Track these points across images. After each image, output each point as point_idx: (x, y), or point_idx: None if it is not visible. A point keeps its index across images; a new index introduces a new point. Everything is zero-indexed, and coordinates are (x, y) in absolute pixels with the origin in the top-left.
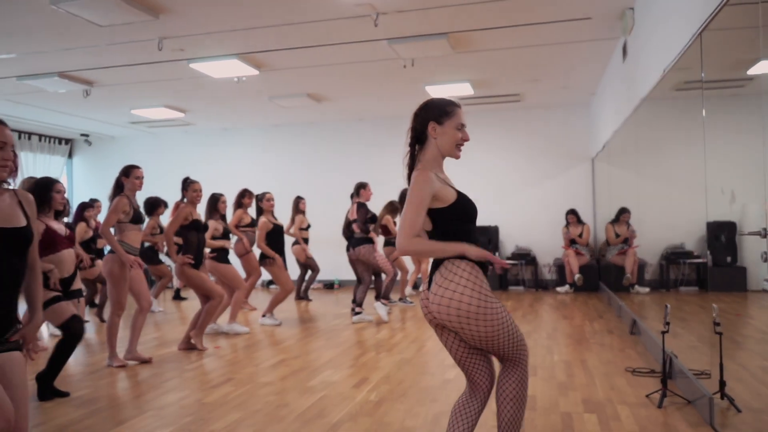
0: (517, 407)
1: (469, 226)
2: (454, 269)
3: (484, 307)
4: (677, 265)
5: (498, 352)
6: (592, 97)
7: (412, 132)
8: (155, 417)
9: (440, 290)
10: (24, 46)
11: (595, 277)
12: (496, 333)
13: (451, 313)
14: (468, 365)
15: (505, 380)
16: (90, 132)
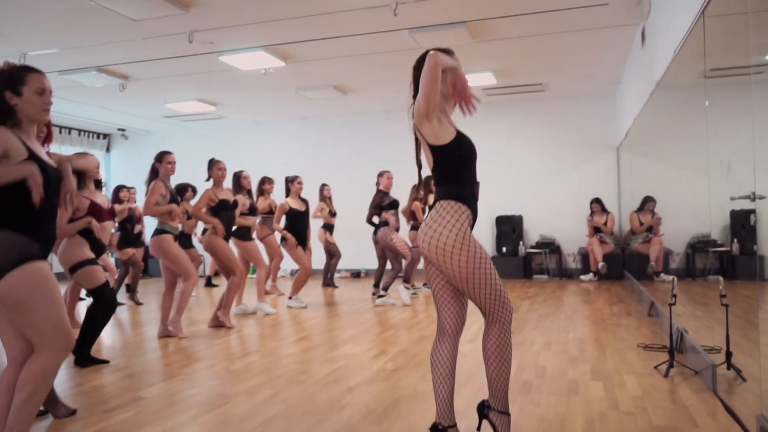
0: (499, 364)
1: (468, 166)
2: (441, 210)
3: (460, 245)
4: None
5: (477, 300)
6: (617, 86)
7: (415, 83)
8: (184, 380)
9: (427, 228)
10: (64, 41)
11: (619, 266)
12: (472, 275)
13: (430, 249)
14: (440, 303)
15: (486, 338)
16: (126, 126)
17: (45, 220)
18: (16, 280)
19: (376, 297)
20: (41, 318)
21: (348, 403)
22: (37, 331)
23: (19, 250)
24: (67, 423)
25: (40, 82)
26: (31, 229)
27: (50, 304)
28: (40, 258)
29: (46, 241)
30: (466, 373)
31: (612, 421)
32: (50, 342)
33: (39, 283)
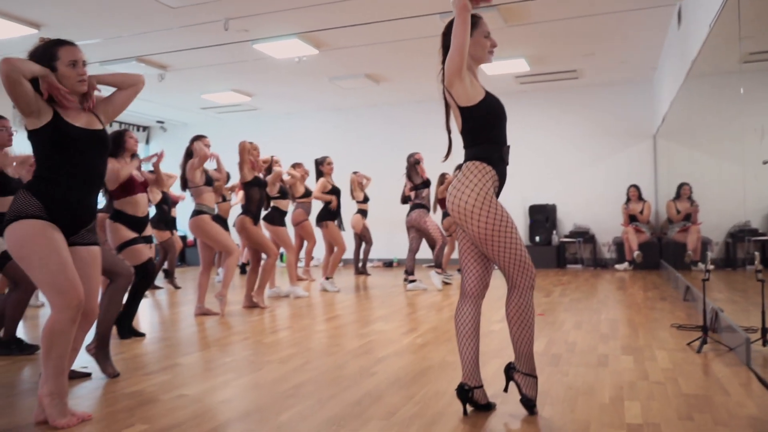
0: (521, 328)
1: (497, 128)
2: (467, 171)
3: (481, 205)
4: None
5: (498, 262)
6: (653, 72)
7: (444, 50)
8: (218, 350)
9: (453, 189)
10: (106, 31)
11: (655, 255)
12: (492, 237)
13: (455, 209)
14: (464, 266)
15: (508, 302)
16: (164, 119)
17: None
18: (9, 234)
19: (408, 283)
20: (39, 276)
21: (377, 372)
22: (42, 288)
23: (17, 206)
24: (110, 383)
25: (72, 54)
26: (44, 192)
27: (42, 260)
28: (37, 217)
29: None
30: (496, 348)
31: (641, 389)
32: (54, 300)
33: (27, 240)
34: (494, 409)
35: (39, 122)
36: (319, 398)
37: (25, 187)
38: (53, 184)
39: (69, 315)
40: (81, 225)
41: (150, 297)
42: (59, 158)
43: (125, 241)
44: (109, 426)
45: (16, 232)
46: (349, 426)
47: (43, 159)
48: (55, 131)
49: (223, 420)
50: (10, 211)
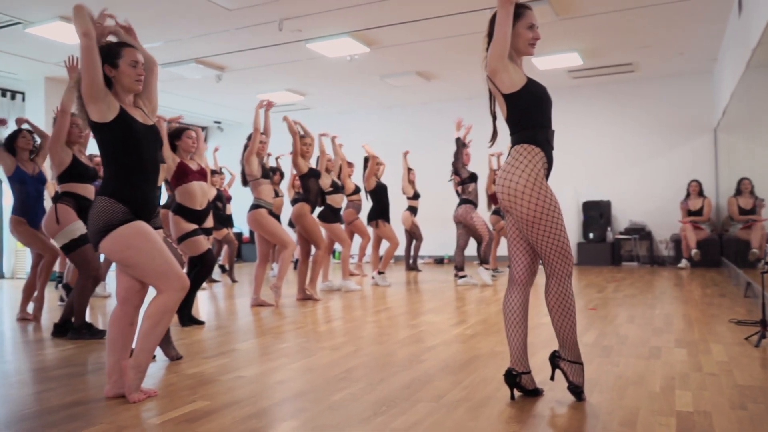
0: (562, 316)
1: (542, 112)
2: (516, 155)
3: (531, 187)
4: None
5: (539, 247)
6: (713, 63)
7: (489, 37)
8: (274, 337)
9: (502, 173)
10: (166, 34)
11: (716, 252)
12: (539, 220)
13: (503, 191)
14: (513, 253)
15: (548, 292)
16: (221, 119)
17: (138, 183)
18: (109, 246)
19: (458, 278)
20: (146, 269)
21: (426, 359)
22: (149, 279)
23: (107, 217)
24: (174, 365)
25: (133, 55)
26: (124, 193)
27: (149, 257)
28: (128, 221)
29: (140, 200)
30: (545, 339)
31: (693, 380)
32: (163, 285)
33: (130, 243)
34: (541, 395)
35: (109, 114)
36: (370, 381)
37: (105, 193)
38: (129, 184)
39: (180, 295)
40: (152, 214)
41: (208, 290)
42: (128, 155)
43: (185, 233)
44: (173, 402)
45: (116, 242)
46: (399, 407)
47: (112, 156)
48: (124, 126)
49: (278, 399)
50: (100, 221)
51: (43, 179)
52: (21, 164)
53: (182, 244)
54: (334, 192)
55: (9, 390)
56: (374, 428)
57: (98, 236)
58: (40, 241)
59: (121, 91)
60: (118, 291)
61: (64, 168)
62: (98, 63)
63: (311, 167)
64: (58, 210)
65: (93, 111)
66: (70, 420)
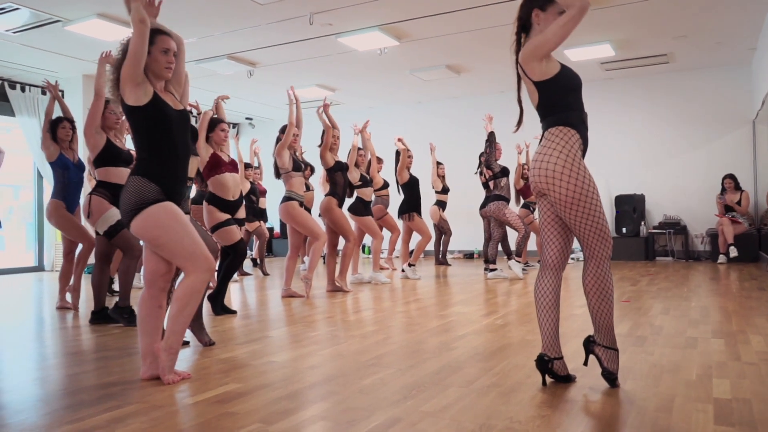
0: (600, 299)
1: (574, 96)
2: (551, 137)
3: (570, 168)
4: None
5: (577, 229)
6: (752, 52)
7: (519, 21)
8: (305, 326)
9: (538, 155)
10: (199, 30)
11: (754, 247)
12: (577, 202)
13: (540, 174)
14: (546, 238)
15: (585, 273)
16: (253, 115)
17: (170, 164)
18: (140, 224)
19: (488, 272)
20: (175, 249)
21: (456, 347)
22: (177, 259)
23: (138, 196)
24: (207, 350)
25: (165, 43)
26: (156, 174)
27: (178, 237)
28: (159, 200)
29: (172, 182)
30: (577, 329)
31: (731, 369)
32: (191, 266)
33: (160, 222)
34: (574, 381)
35: (144, 98)
36: (400, 367)
37: (138, 173)
38: (161, 165)
39: (206, 276)
40: (181, 197)
41: (239, 282)
42: (161, 138)
43: (219, 223)
44: (206, 384)
45: (147, 220)
46: (429, 391)
47: (145, 139)
48: (157, 110)
49: (309, 382)
50: (132, 199)
51: (82, 167)
52: (63, 151)
53: (215, 234)
54: (363, 186)
55: (47, 372)
56: (404, 411)
57: (130, 215)
58: (76, 228)
59: (152, 77)
60: (145, 274)
61: (99, 151)
62: (146, 49)
63: (338, 160)
64: (91, 202)
65: (129, 95)
66: (106, 399)
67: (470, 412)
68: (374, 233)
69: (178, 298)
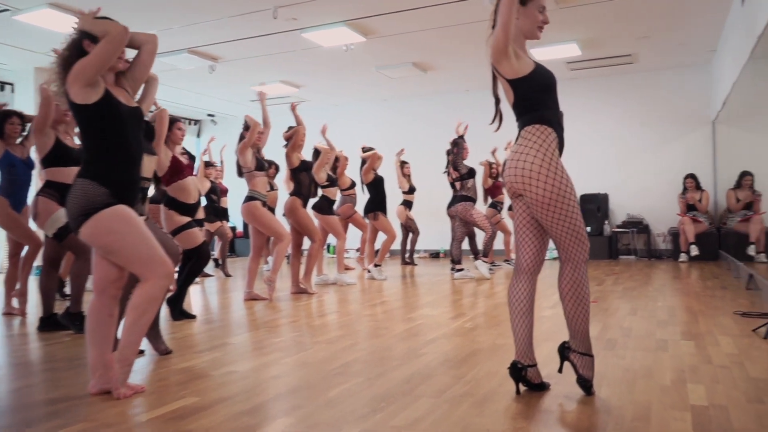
0: (576, 304)
1: (549, 95)
2: (527, 135)
3: (547, 167)
4: None
5: (554, 231)
6: (713, 54)
7: (495, 15)
8: (268, 331)
9: (513, 155)
10: (157, 23)
11: (714, 245)
12: (554, 203)
13: (517, 173)
14: (520, 241)
15: (561, 278)
16: (215, 112)
17: (121, 165)
18: (90, 231)
19: (455, 272)
20: (129, 256)
21: (425, 353)
22: (132, 266)
23: (87, 200)
24: (163, 360)
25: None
26: (106, 176)
27: (132, 242)
28: (110, 204)
29: (124, 185)
30: (547, 331)
31: (704, 372)
32: (148, 273)
33: (112, 227)
34: (548, 389)
35: (93, 96)
36: (368, 376)
37: (85, 175)
38: (112, 167)
39: (165, 283)
40: (135, 199)
41: (200, 284)
42: (112, 138)
43: (179, 226)
44: (162, 398)
45: (97, 226)
46: (399, 403)
47: (94, 139)
48: (108, 108)
49: (272, 395)
50: (79, 204)
51: (32, 165)
52: (10, 148)
53: (177, 238)
54: (330, 186)
55: None
56: (373, 425)
57: (78, 220)
58: (21, 228)
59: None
60: (95, 281)
61: (47, 152)
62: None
63: (303, 160)
64: (38, 203)
65: (77, 93)
66: (51, 417)
67: (443, 426)
68: (338, 233)
69: (134, 306)
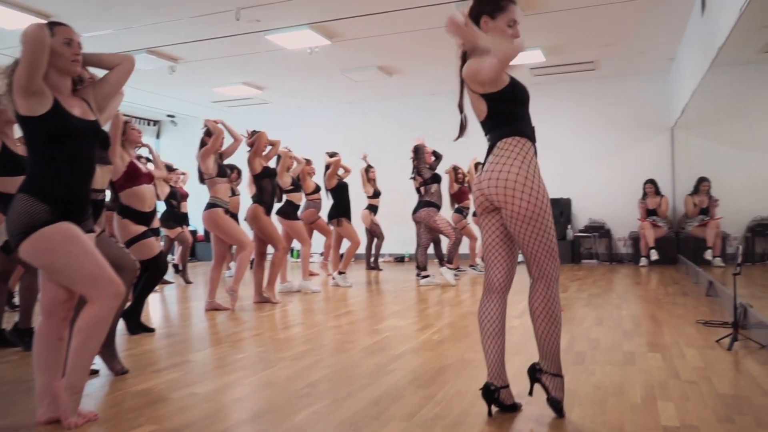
0: (548, 324)
1: (523, 109)
2: (505, 146)
3: (531, 181)
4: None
5: (528, 247)
6: (672, 62)
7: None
8: (230, 347)
9: (491, 166)
10: (115, 22)
11: (673, 250)
12: (535, 217)
13: (498, 185)
14: (491, 259)
15: (533, 297)
16: (175, 113)
17: (68, 182)
18: (30, 249)
19: (420, 278)
20: (74, 276)
21: (394, 369)
22: (78, 286)
23: (27, 217)
24: (119, 381)
25: (67, 33)
26: (48, 192)
27: (77, 261)
28: (51, 221)
29: (69, 203)
30: (516, 343)
31: (673, 388)
32: (95, 293)
33: (55, 246)
34: (520, 410)
35: (39, 108)
36: (335, 398)
37: (26, 190)
38: (57, 184)
39: (114, 303)
40: (84, 216)
41: (159, 292)
42: (59, 152)
43: (134, 236)
44: (117, 426)
45: (38, 244)
46: (368, 428)
47: (39, 153)
48: (56, 121)
49: (235, 420)
50: (19, 221)
51: None
52: None
53: (132, 248)
54: (294, 191)
55: None
56: None
57: (17, 238)
58: None
59: (56, 75)
60: (42, 303)
61: None
62: (46, 59)
63: (266, 166)
64: None
65: (22, 104)
66: None
67: None
68: (303, 239)
69: (81, 329)
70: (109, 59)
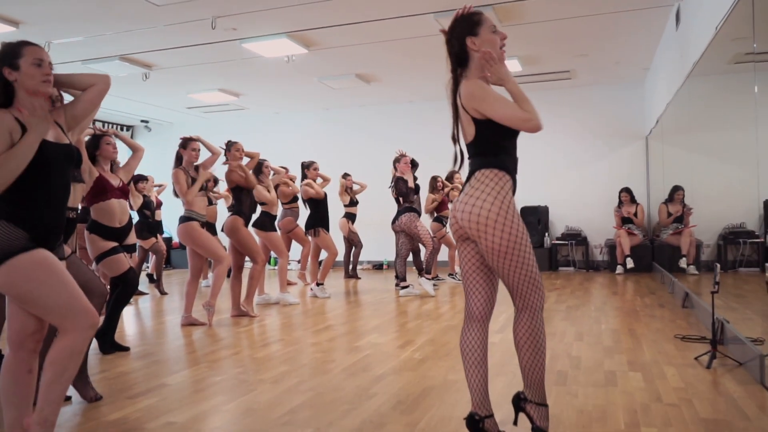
0: (533, 354)
1: (511, 141)
2: (483, 178)
3: (504, 216)
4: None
5: (509, 280)
6: (646, 72)
7: (452, 57)
8: (208, 368)
9: (466, 198)
10: (88, 28)
11: (648, 258)
12: (510, 251)
13: (471, 219)
14: (470, 287)
15: (517, 327)
16: (149, 118)
17: (43, 207)
18: (5, 279)
19: (400, 288)
20: (49, 306)
21: (376, 393)
22: (52, 317)
23: (4, 243)
24: (92, 408)
25: (36, 54)
26: (24, 219)
27: (53, 291)
28: (28, 248)
29: (45, 228)
30: (498, 363)
31: (656, 413)
32: (69, 324)
33: (31, 275)
34: None
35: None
36: (317, 425)
37: (1, 215)
38: (30, 208)
39: (88, 335)
40: (57, 242)
41: (134, 304)
42: (34, 180)
43: (103, 252)
44: None
45: (14, 273)
46: None
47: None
48: None
49: None
50: None
51: None
52: None
53: (101, 264)
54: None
55: None
56: None
57: None
58: None
59: (26, 98)
60: (9, 335)
61: None
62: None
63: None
64: None
65: None
66: None
67: None
68: (280, 251)
69: (53, 361)
70: (83, 80)
